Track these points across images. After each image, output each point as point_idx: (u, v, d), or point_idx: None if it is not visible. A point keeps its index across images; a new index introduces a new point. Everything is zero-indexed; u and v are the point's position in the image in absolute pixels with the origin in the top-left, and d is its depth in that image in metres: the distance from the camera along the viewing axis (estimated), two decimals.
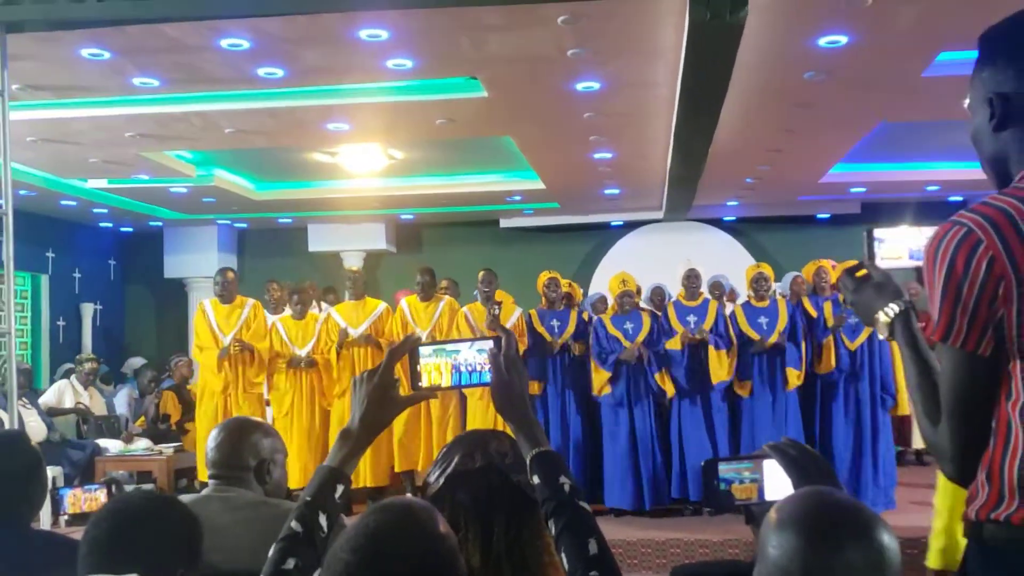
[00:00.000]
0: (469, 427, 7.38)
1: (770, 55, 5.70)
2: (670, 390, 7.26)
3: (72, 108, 6.73)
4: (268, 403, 8.08)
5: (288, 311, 8.08)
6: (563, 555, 1.55)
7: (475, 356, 1.77)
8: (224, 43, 5.30)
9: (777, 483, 1.70)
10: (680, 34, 5.16)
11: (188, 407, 9.68)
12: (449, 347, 1.79)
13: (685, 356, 7.24)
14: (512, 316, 7.68)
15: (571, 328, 7.56)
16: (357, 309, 7.92)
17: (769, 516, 1.36)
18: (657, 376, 7.27)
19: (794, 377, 7.13)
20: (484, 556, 1.71)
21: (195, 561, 2.02)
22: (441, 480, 1.82)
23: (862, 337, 7.16)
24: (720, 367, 7.16)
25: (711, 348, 7.18)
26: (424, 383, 1.78)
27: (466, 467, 1.80)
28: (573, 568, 1.53)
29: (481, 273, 7.78)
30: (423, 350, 1.78)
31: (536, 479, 1.63)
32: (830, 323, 7.17)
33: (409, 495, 7.53)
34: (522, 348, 7.43)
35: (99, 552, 1.93)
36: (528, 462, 1.66)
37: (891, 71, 6.14)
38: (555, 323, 7.60)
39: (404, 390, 1.77)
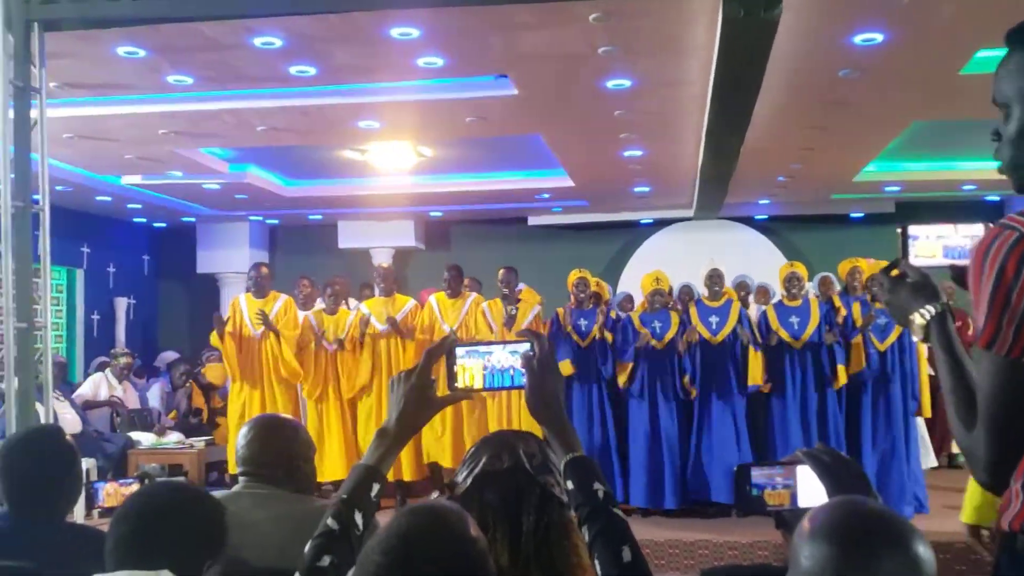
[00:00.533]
0: (491, 424, 7.38)
1: (804, 52, 5.65)
2: (693, 392, 7.26)
3: (108, 105, 6.80)
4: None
5: (320, 305, 8.16)
6: (596, 562, 1.55)
7: (508, 358, 1.77)
8: (257, 41, 5.34)
9: (810, 490, 1.69)
10: (713, 32, 5.13)
11: (221, 401, 9.78)
12: (482, 348, 1.79)
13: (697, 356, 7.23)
14: (530, 314, 7.67)
15: (598, 326, 7.54)
16: (386, 305, 7.97)
17: (802, 525, 1.34)
18: (685, 379, 7.28)
19: (843, 374, 7.10)
20: (512, 556, 1.71)
21: (221, 553, 2.00)
22: (469, 480, 1.82)
23: (892, 337, 7.09)
24: (755, 369, 7.13)
25: (751, 349, 7.16)
26: (459, 384, 1.78)
27: (494, 467, 1.80)
28: (606, 574, 1.52)
29: (501, 272, 7.78)
30: (458, 351, 1.79)
31: (570, 484, 1.63)
32: (859, 323, 7.11)
33: (436, 493, 7.61)
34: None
35: (125, 547, 1.91)
36: (562, 467, 1.66)
37: (928, 69, 6.07)
38: (583, 322, 7.58)
39: (440, 390, 1.78)
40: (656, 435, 7.26)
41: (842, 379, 7.12)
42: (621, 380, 7.30)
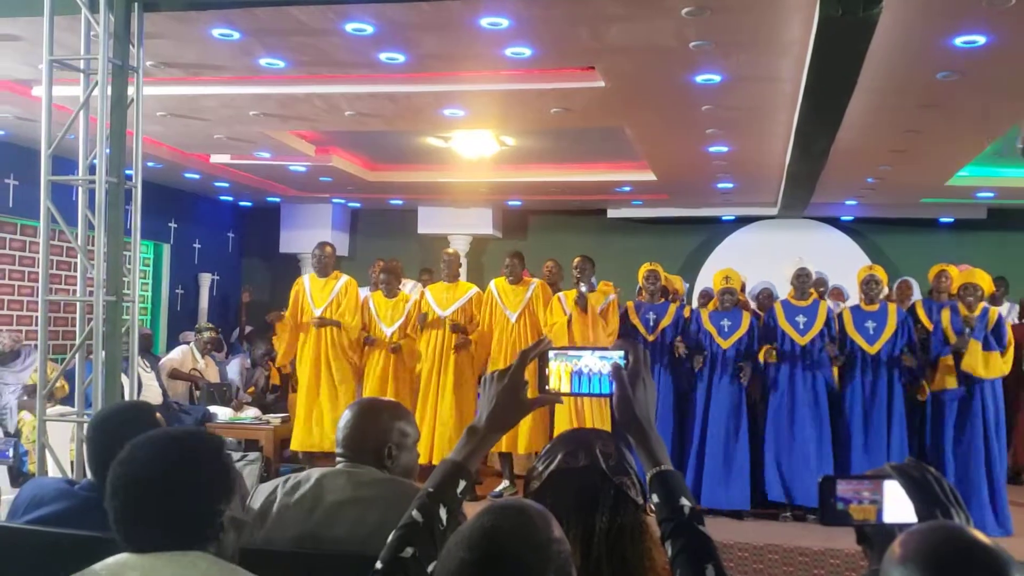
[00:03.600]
0: (557, 417, 7.36)
1: (902, 53, 5.49)
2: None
3: (201, 85, 6.94)
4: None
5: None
6: None
7: (597, 363, 1.76)
8: (349, 27, 5.39)
9: (897, 506, 1.64)
10: (809, 29, 5.02)
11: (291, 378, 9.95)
12: (572, 353, 1.78)
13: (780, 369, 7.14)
14: (603, 301, 7.62)
15: (666, 321, 7.46)
16: (448, 291, 8.01)
17: (892, 549, 1.30)
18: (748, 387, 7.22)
19: (924, 388, 6.97)
20: (584, 556, 1.70)
21: (232, 496, 1.84)
22: (545, 476, 1.82)
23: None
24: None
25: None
26: (550, 387, 1.78)
27: (569, 465, 1.80)
28: None
29: (576, 260, 7.73)
30: (550, 354, 1.78)
31: (655, 498, 1.62)
32: (948, 331, 6.91)
33: (506, 483, 7.66)
34: (612, 333, 7.41)
35: (125, 525, 1.77)
36: (648, 480, 1.64)
37: None
38: (651, 316, 7.52)
39: (531, 392, 1.78)
40: (727, 434, 7.18)
41: (923, 394, 6.98)
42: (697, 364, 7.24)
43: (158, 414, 2.82)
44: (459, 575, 1.29)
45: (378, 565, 1.62)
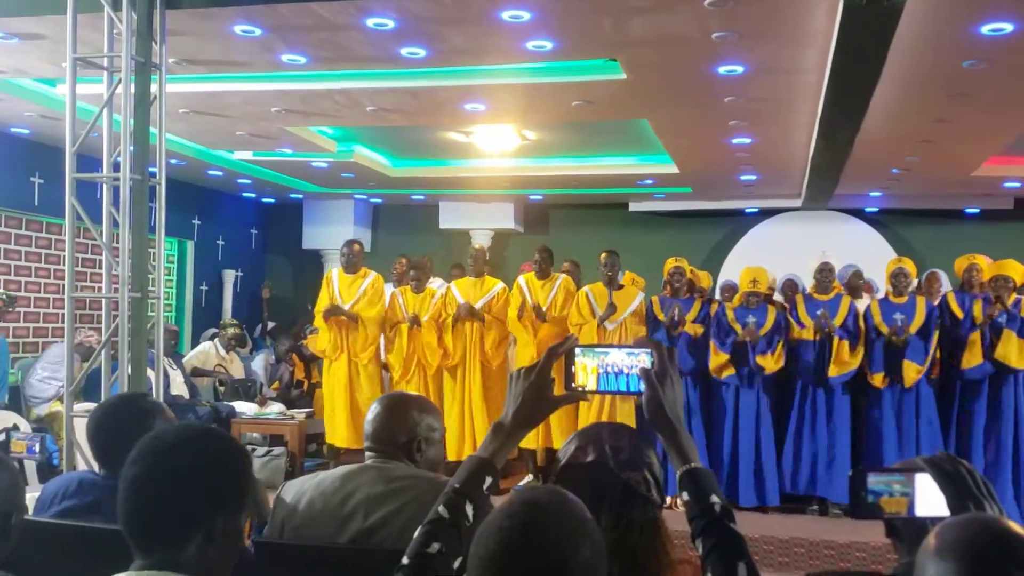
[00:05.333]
0: (581, 410, 7.35)
1: (928, 42, 5.43)
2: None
3: (223, 82, 6.97)
4: (387, 368, 8.32)
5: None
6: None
7: (624, 360, 1.75)
8: (370, 22, 5.38)
9: (929, 499, 1.62)
10: (833, 18, 4.97)
11: (320, 375, 10.01)
12: (598, 350, 1.78)
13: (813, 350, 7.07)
14: (634, 301, 7.60)
15: (692, 316, 7.44)
16: (475, 286, 8.05)
17: (927, 541, 1.28)
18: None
19: (912, 371, 6.87)
20: None
21: (233, 503, 1.67)
22: (557, 470, 1.85)
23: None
24: (841, 362, 6.96)
25: (836, 339, 6.97)
26: (576, 385, 1.77)
27: (577, 461, 1.82)
28: None
29: (603, 255, 7.72)
30: (577, 350, 1.77)
31: (686, 496, 1.61)
32: (979, 319, 6.85)
33: (529, 476, 7.66)
34: (642, 333, 7.39)
35: (136, 537, 1.64)
36: (678, 478, 1.64)
37: None
38: (677, 311, 7.49)
39: (558, 389, 1.77)
40: (749, 429, 7.15)
41: (911, 376, 6.90)
42: (715, 369, 7.19)
43: (166, 409, 2.87)
44: (499, 541, 1.30)
45: (404, 560, 1.63)
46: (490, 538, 1.32)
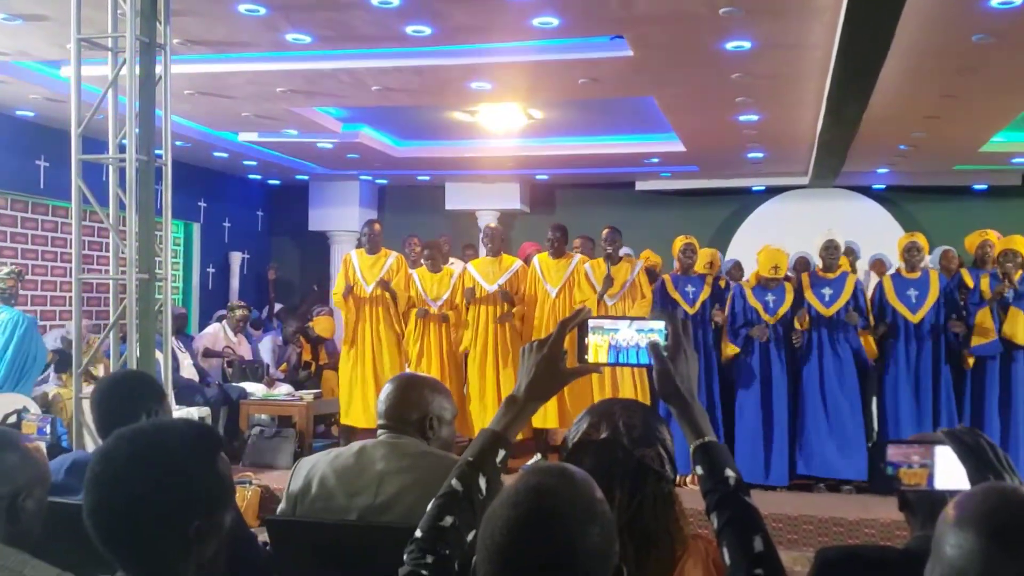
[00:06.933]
0: (594, 388, 7.35)
1: (936, 16, 5.38)
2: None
3: (228, 63, 6.94)
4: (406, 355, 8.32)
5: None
6: (725, 550, 1.52)
7: (634, 335, 1.74)
8: (375, 0, 5.35)
9: (949, 472, 1.62)
10: None
11: (328, 356, 10.04)
12: (608, 324, 1.76)
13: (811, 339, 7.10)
14: (632, 273, 7.59)
15: (705, 293, 7.43)
16: (493, 265, 8.03)
17: (947, 512, 1.28)
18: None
19: (969, 359, 6.91)
20: None
21: (201, 506, 1.57)
22: (569, 447, 1.84)
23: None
24: (868, 344, 6.97)
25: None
26: (589, 358, 1.76)
27: (590, 437, 1.81)
28: (736, 564, 1.49)
29: (605, 231, 7.70)
30: (589, 324, 1.76)
31: (699, 470, 1.60)
32: (987, 296, 6.83)
33: (539, 456, 7.67)
34: (643, 305, 7.39)
35: (103, 545, 1.56)
36: (691, 452, 1.63)
37: None
38: (690, 289, 7.48)
39: (570, 362, 1.77)
40: (766, 409, 7.15)
41: (969, 361, 6.92)
42: (725, 356, 7.21)
43: (167, 397, 2.89)
44: (505, 532, 1.29)
45: (417, 534, 1.63)
46: (496, 529, 1.30)
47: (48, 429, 4.00)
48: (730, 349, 7.18)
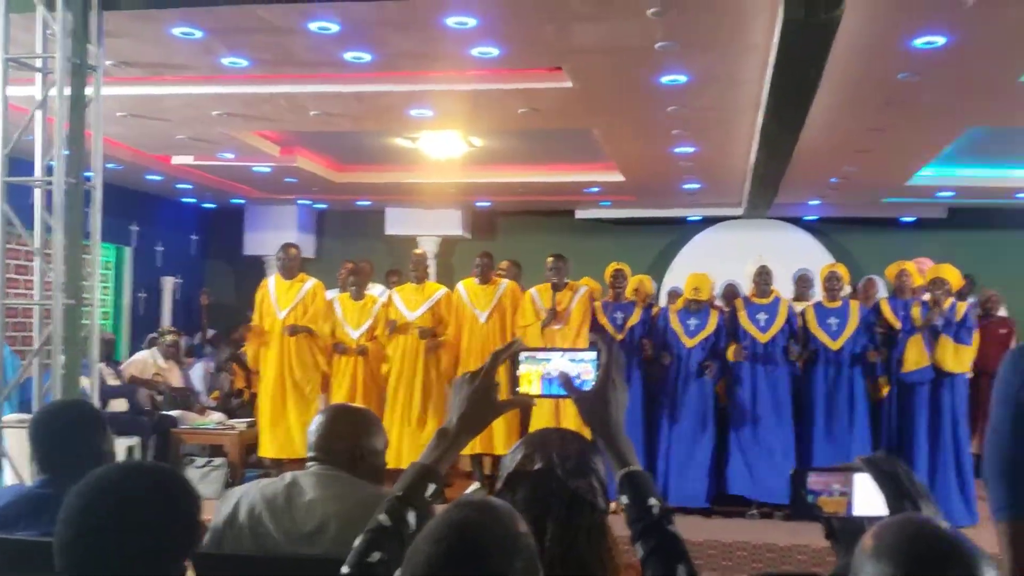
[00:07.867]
0: (533, 415, 7.35)
1: (863, 54, 5.54)
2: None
3: (162, 85, 6.84)
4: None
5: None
6: None
7: (566, 365, 1.75)
8: (313, 26, 5.34)
9: (867, 498, 1.65)
10: (772, 31, 5.04)
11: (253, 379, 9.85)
12: (541, 355, 1.77)
13: (747, 369, 7.20)
14: (575, 296, 7.61)
15: (634, 319, 7.49)
16: (417, 292, 7.99)
17: (864, 542, 1.30)
18: (716, 387, 7.29)
19: (885, 386, 7.07)
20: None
21: (183, 550, 1.62)
22: (503, 478, 1.83)
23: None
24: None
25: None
26: (520, 389, 1.77)
27: (524, 468, 1.80)
28: None
29: (550, 259, 7.73)
30: (521, 355, 1.77)
31: (625, 499, 1.61)
32: (917, 322, 7.00)
33: (476, 485, 7.62)
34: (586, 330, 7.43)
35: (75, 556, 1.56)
36: (617, 482, 1.64)
37: (987, 74, 5.94)
38: (619, 315, 7.55)
39: (503, 394, 1.76)
40: (692, 432, 7.24)
41: (884, 390, 7.09)
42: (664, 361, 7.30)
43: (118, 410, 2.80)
44: (426, 569, 1.27)
45: (344, 569, 1.60)
46: (418, 564, 1.29)
47: None
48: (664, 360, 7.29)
